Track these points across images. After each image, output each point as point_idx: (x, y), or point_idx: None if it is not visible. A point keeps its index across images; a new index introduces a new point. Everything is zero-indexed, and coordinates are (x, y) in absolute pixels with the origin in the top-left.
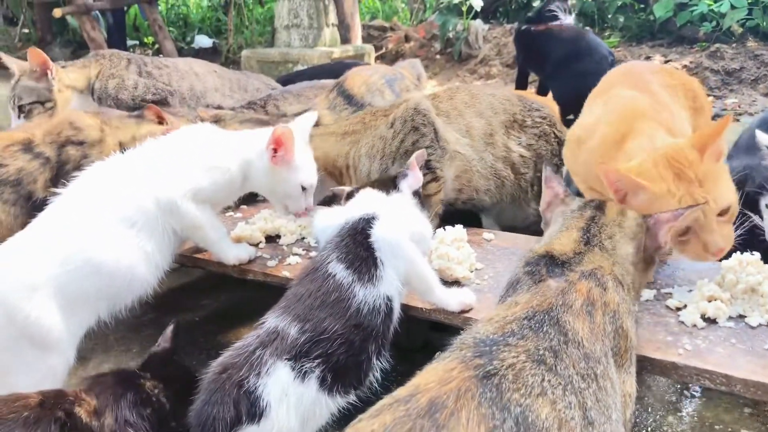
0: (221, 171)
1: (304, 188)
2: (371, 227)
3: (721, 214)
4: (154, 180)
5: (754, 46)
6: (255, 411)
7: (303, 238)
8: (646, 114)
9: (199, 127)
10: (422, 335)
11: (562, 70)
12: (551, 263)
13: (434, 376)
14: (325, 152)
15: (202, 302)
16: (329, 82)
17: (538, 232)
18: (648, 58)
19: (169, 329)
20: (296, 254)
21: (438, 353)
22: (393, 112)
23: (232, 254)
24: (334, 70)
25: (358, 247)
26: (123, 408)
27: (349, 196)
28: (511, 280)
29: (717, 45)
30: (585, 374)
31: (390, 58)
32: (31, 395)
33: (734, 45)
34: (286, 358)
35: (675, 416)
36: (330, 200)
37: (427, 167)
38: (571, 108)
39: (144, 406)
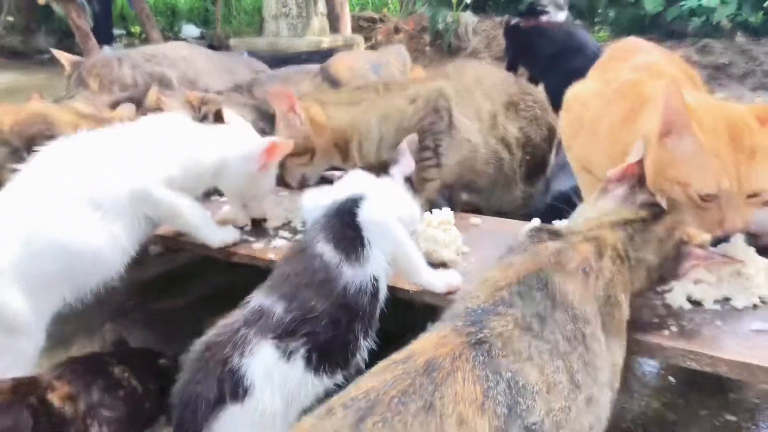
0: (194, 162)
1: None
2: (359, 207)
3: (753, 195)
4: (126, 166)
5: (743, 42)
6: (239, 390)
7: (289, 222)
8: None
9: (176, 117)
10: (410, 319)
11: (553, 68)
12: (555, 233)
13: (428, 342)
14: (338, 123)
15: (187, 287)
16: (314, 67)
17: (526, 216)
18: None
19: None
20: (282, 237)
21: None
22: (411, 87)
23: (218, 237)
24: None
25: (345, 227)
26: (95, 393)
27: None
28: (512, 243)
29: (706, 40)
30: (572, 337)
31: (379, 49)
32: (3, 381)
33: (723, 40)
34: (271, 337)
35: (660, 401)
36: (322, 183)
37: (434, 152)
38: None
39: (116, 389)
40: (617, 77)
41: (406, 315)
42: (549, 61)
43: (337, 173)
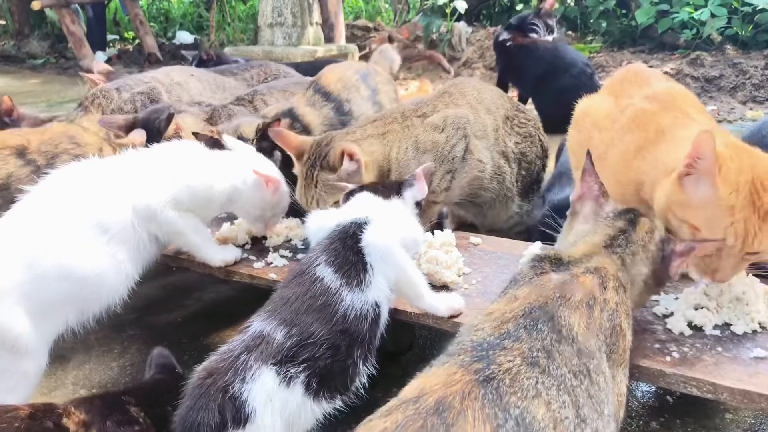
0: (204, 188)
1: None
2: (362, 232)
3: (753, 253)
4: (133, 188)
5: (733, 54)
6: (240, 416)
7: (290, 240)
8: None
9: (187, 144)
10: (409, 339)
11: (542, 88)
12: (557, 262)
13: (438, 379)
14: (375, 156)
15: (184, 302)
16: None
17: (521, 234)
18: (629, 63)
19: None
20: (283, 256)
21: (433, 359)
22: (431, 114)
23: (218, 257)
24: None
25: (347, 251)
26: (110, 425)
27: (349, 195)
28: (515, 274)
29: (697, 52)
30: (578, 371)
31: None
32: (21, 407)
33: (714, 53)
34: (271, 363)
35: (658, 421)
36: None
37: (451, 176)
38: (554, 125)
39: (130, 424)
40: (631, 104)
41: (404, 334)
42: (537, 81)
43: (349, 185)
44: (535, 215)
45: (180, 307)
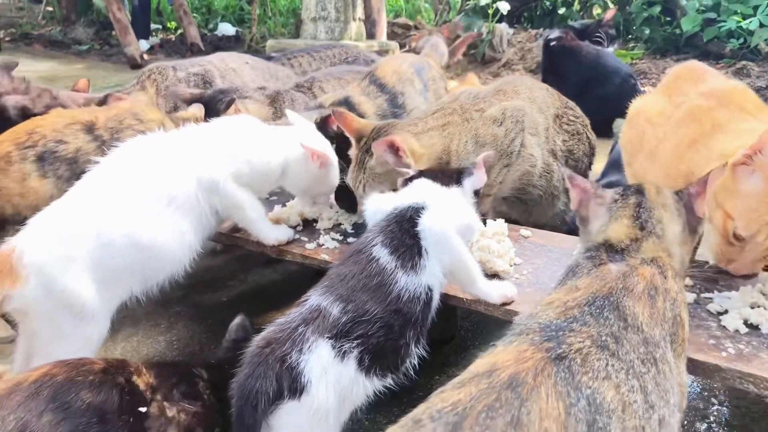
0: (262, 161)
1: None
2: (419, 216)
3: None
4: (197, 161)
5: None
6: (296, 387)
7: (340, 224)
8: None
9: (245, 118)
10: (451, 329)
11: (583, 95)
12: (611, 250)
13: (509, 356)
14: (435, 149)
15: (228, 284)
16: (365, 68)
17: (568, 231)
18: None
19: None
20: (334, 239)
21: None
22: (489, 108)
23: (272, 235)
24: None
25: (404, 234)
26: (176, 394)
27: (407, 181)
28: (570, 266)
29: (743, 62)
30: (645, 359)
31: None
32: (96, 361)
33: (761, 63)
34: (327, 337)
35: (702, 423)
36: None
37: (507, 169)
38: (595, 131)
39: (195, 399)
40: (686, 101)
41: (447, 324)
42: (579, 88)
43: (409, 171)
44: None
45: (225, 287)
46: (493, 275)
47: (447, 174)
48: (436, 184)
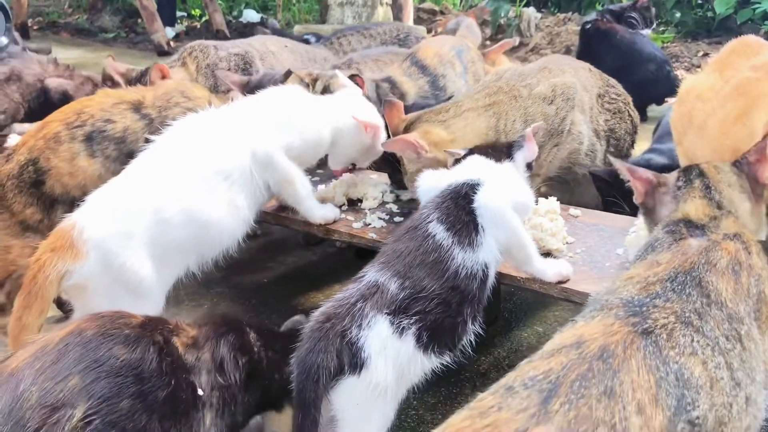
0: (313, 131)
1: None
2: (475, 192)
3: None
4: (250, 134)
5: None
6: (357, 362)
7: (385, 203)
8: None
9: (292, 89)
10: (495, 311)
11: (617, 80)
12: (690, 225)
13: (595, 329)
14: (473, 129)
15: (268, 264)
16: (402, 50)
17: (607, 210)
18: (706, 55)
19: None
20: (380, 218)
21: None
22: (537, 85)
23: (319, 214)
24: None
25: (459, 210)
26: (222, 346)
27: (457, 161)
28: (650, 241)
29: None
30: (729, 335)
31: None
32: (134, 315)
33: None
34: (385, 312)
35: None
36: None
37: (557, 148)
38: None
39: (242, 352)
40: (736, 74)
41: (492, 305)
42: (614, 73)
43: (457, 150)
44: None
45: (265, 269)
46: (546, 254)
47: (498, 148)
48: (489, 160)
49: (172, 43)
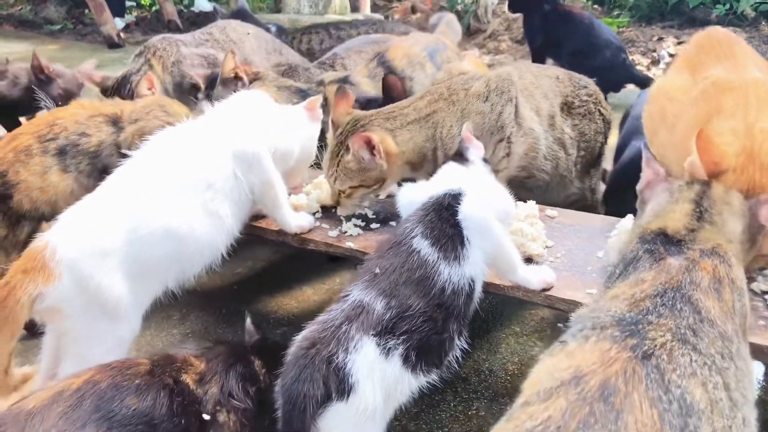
0: (286, 141)
1: None
2: (459, 203)
3: None
4: (230, 138)
5: None
6: (344, 388)
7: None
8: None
9: (258, 95)
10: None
11: (575, 65)
12: (666, 241)
13: (593, 357)
14: (415, 142)
15: (236, 270)
16: (381, 38)
17: (581, 209)
18: (660, 39)
19: (248, 323)
20: (357, 225)
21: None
22: (475, 83)
23: (295, 223)
24: None
25: (444, 223)
26: (231, 378)
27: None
28: (628, 257)
29: (730, 28)
30: (723, 353)
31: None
32: (141, 362)
33: (747, 29)
34: (372, 334)
35: None
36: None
37: (508, 141)
38: None
39: (251, 382)
40: (706, 76)
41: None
42: (572, 56)
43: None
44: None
45: (232, 275)
46: (527, 259)
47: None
48: (462, 167)
49: (122, 35)
